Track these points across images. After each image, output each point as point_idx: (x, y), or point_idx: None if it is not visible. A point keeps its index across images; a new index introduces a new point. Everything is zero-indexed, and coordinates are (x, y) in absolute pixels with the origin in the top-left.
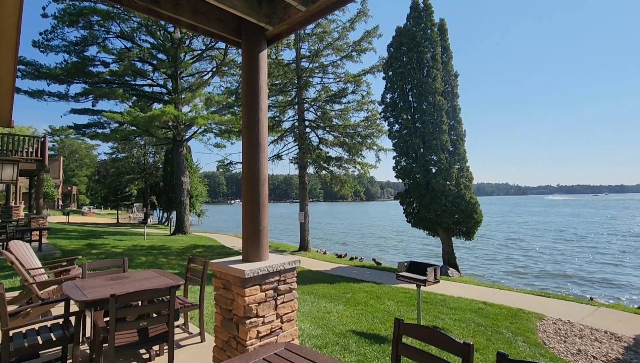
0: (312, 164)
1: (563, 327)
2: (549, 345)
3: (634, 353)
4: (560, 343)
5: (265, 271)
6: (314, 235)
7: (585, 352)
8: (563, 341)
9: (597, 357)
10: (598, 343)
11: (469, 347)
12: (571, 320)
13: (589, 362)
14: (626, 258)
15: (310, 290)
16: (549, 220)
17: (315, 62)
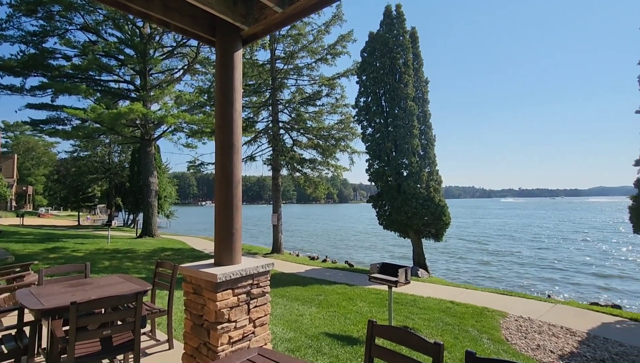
0: (286, 166)
1: (524, 323)
2: (511, 341)
3: (587, 347)
4: (522, 339)
5: (238, 275)
6: (287, 237)
7: (543, 347)
8: (524, 337)
9: (554, 351)
10: (555, 338)
11: (439, 346)
12: (531, 317)
13: (547, 356)
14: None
15: (282, 293)
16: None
17: (290, 63)
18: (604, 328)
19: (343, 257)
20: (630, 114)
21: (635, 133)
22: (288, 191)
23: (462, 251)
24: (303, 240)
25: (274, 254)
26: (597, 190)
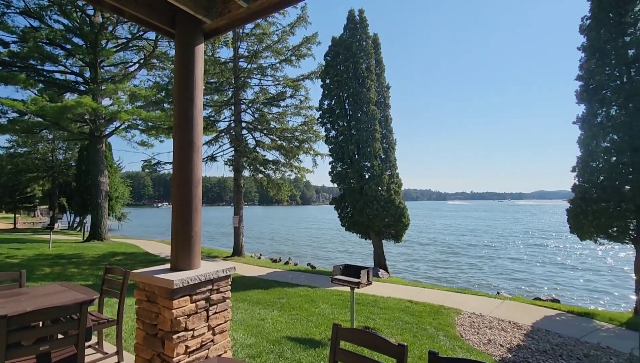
0: (248, 167)
1: (476, 319)
2: (465, 337)
3: (531, 339)
4: (475, 335)
5: (197, 280)
6: (248, 240)
7: (494, 341)
8: (477, 332)
9: (504, 345)
10: (504, 332)
11: (403, 348)
12: (483, 313)
13: (497, 349)
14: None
15: (243, 297)
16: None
17: (253, 63)
18: (546, 321)
19: (306, 259)
20: (568, 124)
21: (573, 142)
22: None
23: (420, 251)
24: (265, 243)
25: (235, 257)
26: (539, 194)
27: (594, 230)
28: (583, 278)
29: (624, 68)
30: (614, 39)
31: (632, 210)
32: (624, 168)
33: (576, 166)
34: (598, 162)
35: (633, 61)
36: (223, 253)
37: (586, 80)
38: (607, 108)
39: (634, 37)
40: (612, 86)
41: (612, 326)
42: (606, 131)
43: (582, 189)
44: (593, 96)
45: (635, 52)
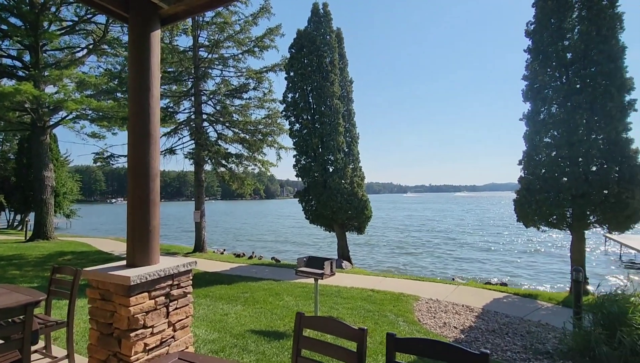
0: (210, 160)
1: (433, 305)
2: (423, 321)
3: (482, 320)
4: (431, 319)
5: (156, 276)
6: (211, 235)
7: (449, 324)
8: (433, 317)
9: (457, 327)
10: (458, 315)
11: (363, 331)
12: (439, 299)
13: (452, 331)
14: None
15: (206, 293)
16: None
17: (215, 53)
18: (495, 303)
19: (270, 253)
20: (515, 120)
21: (520, 137)
22: (212, 186)
23: (382, 242)
24: (228, 238)
25: (197, 253)
26: (491, 186)
27: (537, 218)
28: (533, 263)
29: (563, 70)
30: (555, 43)
31: (569, 199)
32: (562, 161)
33: (522, 159)
34: (541, 156)
35: (570, 64)
36: (184, 249)
37: (531, 80)
38: (549, 106)
39: (571, 41)
40: (553, 85)
41: (551, 305)
42: (548, 128)
43: (527, 181)
44: (537, 95)
45: (572, 55)
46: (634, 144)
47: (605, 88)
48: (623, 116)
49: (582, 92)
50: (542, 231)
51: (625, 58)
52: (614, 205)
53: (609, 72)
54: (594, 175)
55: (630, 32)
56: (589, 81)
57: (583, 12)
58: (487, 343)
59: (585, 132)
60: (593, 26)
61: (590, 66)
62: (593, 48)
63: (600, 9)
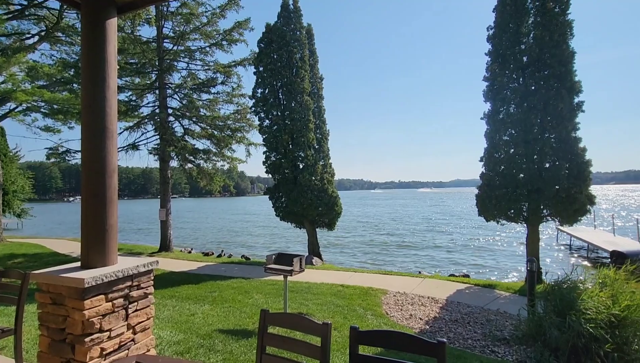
0: (176, 156)
1: (400, 298)
2: (390, 314)
3: (445, 311)
4: (398, 312)
5: (113, 277)
6: (177, 234)
7: (415, 316)
8: (400, 309)
9: (423, 318)
10: (423, 307)
11: (327, 326)
12: (406, 292)
13: (417, 323)
14: None
15: (171, 293)
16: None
17: (180, 45)
18: (458, 294)
19: (240, 251)
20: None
21: (482, 135)
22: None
23: (352, 237)
24: (197, 236)
25: (163, 252)
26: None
27: (496, 212)
28: (493, 254)
29: (520, 72)
30: (513, 46)
31: (525, 194)
32: (519, 158)
33: (483, 156)
34: (500, 153)
35: (526, 66)
36: (149, 249)
37: (491, 81)
38: (507, 106)
39: (527, 45)
40: (511, 87)
41: (508, 294)
42: (506, 126)
43: (488, 177)
44: (496, 95)
45: (528, 58)
46: (581, 143)
47: (557, 90)
48: (572, 116)
49: (536, 94)
50: (501, 224)
51: (575, 63)
52: (564, 200)
53: (560, 75)
54: (547, 171)
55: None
56: (542, 83)
57: (538, 18)
58: (450, 332)
59: (539, 131)
60: (546, 32)
61: (544, 69)
62: (546, 52)
63: (552, 16)
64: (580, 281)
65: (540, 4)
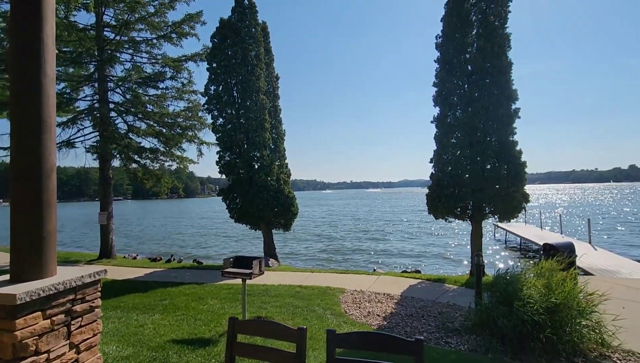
0: (119, 155)
1: (358, 296)
2: (349, 312)
3: (401, 306)
4: (357, 310)
5: (53, 290)
6: (121, 239)
7: (373, 313)
8: (358, 307)
9: (380, 314)
10: (380, 303)
11: (303, 331)
12: (363, 290)
13: (375, 319)
14: None
15: (115, 304)
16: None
17: (124, 35)
18: (411, 290)
19: (192, 255)
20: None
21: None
22: (120, 185)
23: (308, 238)
24: (143, 241)
25: (104, 259)
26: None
27: (445, 210)
28: (444, 250)
29: (465, 79)
30: (459, 55)
31: (470, 193)
32: (465, 159)
33: (433, 158)
34: (448, 155)
35: (471, 74)
36: (86, 256)
37: (439, 87)
38: (454, 111)
39: (471, 54)
40: (457, 93)
41: (456, 287)
42: (453, 130)
43: (437, 177)
44: (445, 101)
45: (472, 67)
46: (518, 146)
47: (497, 97)
48: (510, 121)
49: (480, 100)
50: (449, 222)
51: (512, 72)
52: (504, 198)
53: (500, 83)
54: (489, 172)
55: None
56: (485, 91)
57: (480, 30)
58: (406, 327)
59: (482, 135)
60: (488, 43)
61: (486, 77)
62: (488, 62)
63: (493, 29)
64: (522, 274)
65: (482, 17)
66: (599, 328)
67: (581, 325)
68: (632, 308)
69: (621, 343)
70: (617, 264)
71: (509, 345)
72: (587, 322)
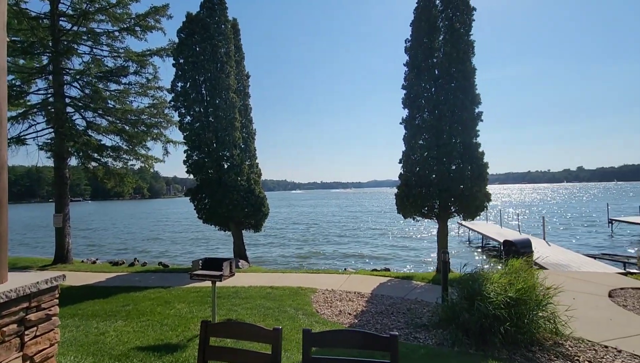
0: (77, 153)
1: (329, 295)
2: (321, 312)
3: (371, 304)
4: (328, 309)
5: (3, 299)
6: (79, 242)
7: (344, 311)
8: (329, 306)
9: (351, 313)
10: (351, 302)
11: (278, 332)
12: (334, 289)
13: (347, 318)
14: None
15: (73, 312)
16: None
17: (82, 25)
18: (381, 287)
19: (157, 258)
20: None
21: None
22: (78, 185)
23: (278, 238)
24: (103, 244)
25: (59, 264)
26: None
27: (413, 210)
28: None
29: (433, 83)
30: (426, 59)
31: (436, 193)
32: (432, 160)
33: (402, 159)
34: (416, 156)
35: (437, 78)
36: (38, 261)
37: (408, 90)
38: (422, 113)
39: (438, 59)
40: (425, 96)
41: (424, 283)
42: (421, 131)
43: (406, 178)
44: (413, 103)
45: (439, 71)
46: (480, 148)
47: (462, 101)
48: (474, 124)
49: (446, 103)
50: (416, 221)
51: (476, 78)
52: (467, 197)
53: (464, 88)
54: (454, 173)
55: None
56: (450, 94)
57: (447, 36)
58: (377, 324)
59: (448, 137)
60: (454, 49)
61: (451, 82)
62: (454, 67)
63: (458, 35)
64: (488, 272)
65: (449, 24)
66: (554, 318)
67: (538, 316)
68: (582, 299)
69: (572, 332)
70: (568, 258)
71: (473, 338)
72: (543, 313)
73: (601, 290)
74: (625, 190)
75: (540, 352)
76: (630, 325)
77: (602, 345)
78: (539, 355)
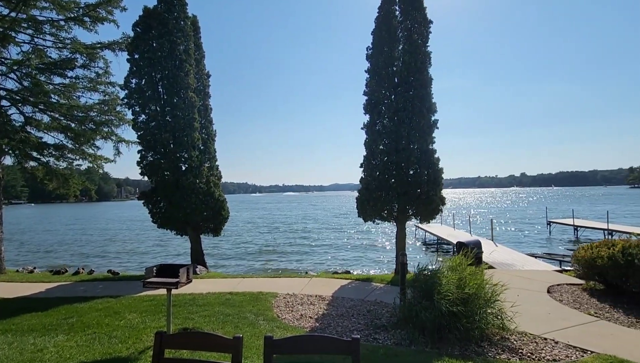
0: (12, 151)
1: (290, 299)
2: (282, 317)
3: (332, 306)
4: (289, 313)
5: None
6: (14, 250)
7: (305, 315)
8: (291, 311)
9: (312, 316)
10: (312, 305)
11: (238, 340)
12: (295, 293)
13: (308, 322)
14: None
15: (6, 327)
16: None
17: (22, 12)
18: (342, 290)
19: (106, 266)
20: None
21: (353, 145)
22: (13, 186)
23: (238, 242)
24: (42, 252)
25: None
26: (334, 186)
27: (373, 213)
28: (372, 250)
29: (392, 90)
30: (387, 67)
31: (395, 197)
32: (391, 165)
33: (363, 163)
34: (377, 160)
35: (397, 86)
36: None
37: (369, 96)
38: (383, 119)
39: (398, 68)
40: (385, 102)
41: (383, 285)
42: (382, 136)
43: (367, 182)
44: (374, 109)
45: (399, 79)
46: (436, 154)
47: (419, 109)
48: (430, 131)
49: (404, 110)
50: (376, 224)
51: (432, 87)
52: (424, 201)
53: (422, 96)
54: (412, 177)
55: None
56: (408, 102)
57: (406, 46)
58: (338, 326)
59: (407, 143)
60: (412, 58)
61: (409, 90)
62: (412, 76)
63: (417, 46)
64: (439, 270)
65: (407, 35)
66: (501, 314)
67: (487, 312)
68: (525, 295)
69: (517, 326)
70: (513, 258)
71: (429, 336)
72: (491, 309)
73: (541, 286)
74: (561, 195)
75: (489, 346)
76: (565, 318)
77: (542, 338)
78: (487, 349)
